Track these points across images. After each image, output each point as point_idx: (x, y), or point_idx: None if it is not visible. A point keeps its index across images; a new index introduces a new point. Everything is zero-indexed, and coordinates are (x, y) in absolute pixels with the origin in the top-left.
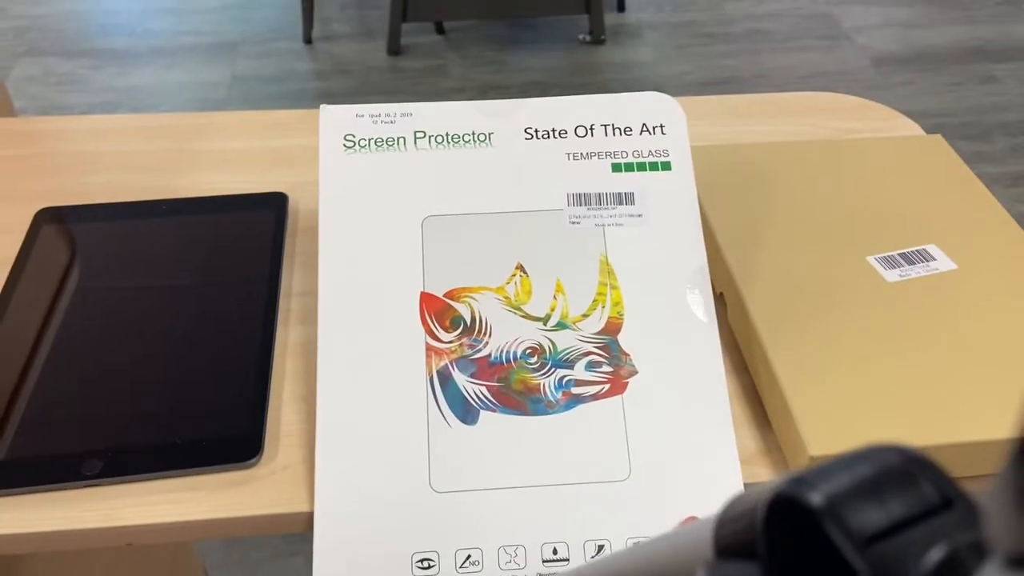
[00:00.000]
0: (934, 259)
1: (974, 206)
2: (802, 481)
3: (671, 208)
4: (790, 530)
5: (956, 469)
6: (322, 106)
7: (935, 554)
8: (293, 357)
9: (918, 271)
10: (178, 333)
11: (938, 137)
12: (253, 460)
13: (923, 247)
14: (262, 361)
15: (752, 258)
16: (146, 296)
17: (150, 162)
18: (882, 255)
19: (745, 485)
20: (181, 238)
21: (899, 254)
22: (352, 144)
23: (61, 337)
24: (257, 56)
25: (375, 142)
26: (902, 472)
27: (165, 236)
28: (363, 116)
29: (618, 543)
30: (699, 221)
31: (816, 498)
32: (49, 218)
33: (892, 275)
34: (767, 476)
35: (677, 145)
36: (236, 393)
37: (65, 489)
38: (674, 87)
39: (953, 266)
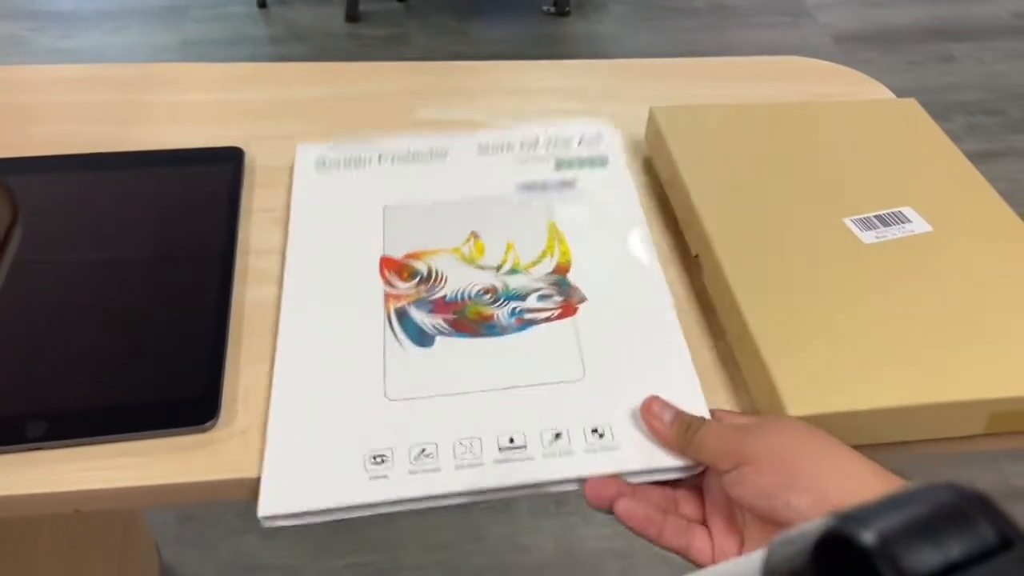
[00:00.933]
0: (909, 221)
1: (948, 169)
2: (854, 518)
3: (609, 188)
4: (842, 569)
5: (931, 430)
6: (298, 145)
7: None
8: (251, 317)
9: (894, 233)
10: (129, 291)
11: (912, 101)
12: (209, 423)
13: (899, 209)
14: (218, 320)
15: (728, 220)
16: (94, 253)
17: (97, 114)
18: (858, 217)
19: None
20: (131, 193)
21: (875, 216)
22: (323, 164)
23: (3, 295)
24: (208, 20)
25: (344, 162)
26: (958, 511)
27: (114, 190)
28: (334, 149)
29: (576, 431)
30: (635, 196)
31: (869, 537)
32: None
33: (869, 236)
34: None
35: (612, 149)
36: (191, 353)
37: (6, 453)
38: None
39: (928, 228)
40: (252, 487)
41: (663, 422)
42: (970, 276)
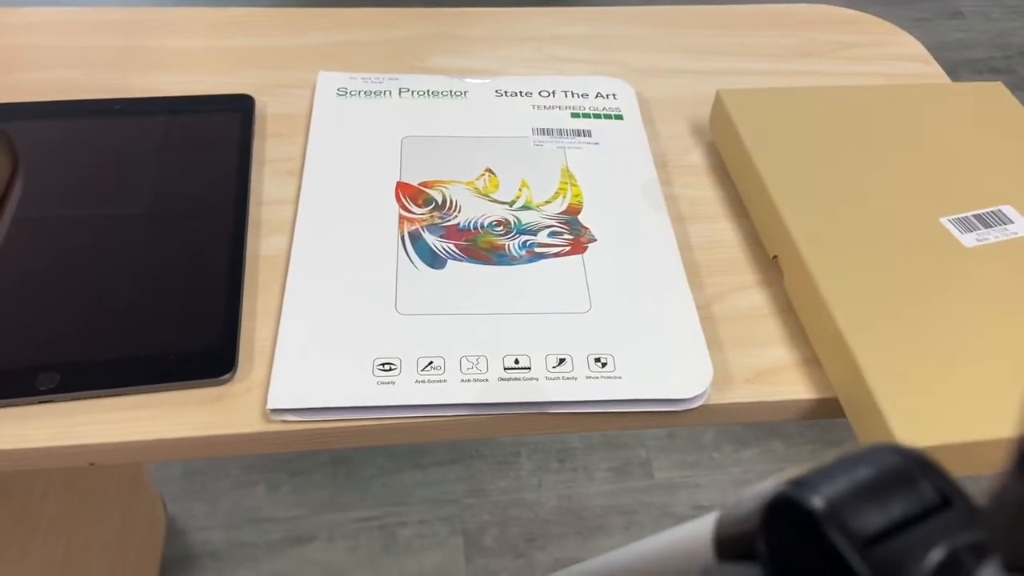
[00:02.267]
0: (1011, 221)
1: None
2: (802, 484)
3: (623, 141)
4: (791, 532)
5: None
6: (320, 71)
7: (935, 555)
8: (266, 269)
9: (996, 235)
10: (140, 243)
11: (999, 85)
12: (226, 376)
13: (997, 208)
14: (233, 271)
15: (812, 218)
16: (105, 203)
17: (100, 59)
18: (956, 216)
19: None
20: (139, 141)
21: (974, 215)
22: (344, 93)
23: (11, 243)
24: None
25: (364, 92)
26: (901, 472)
27: (122, 138)
28: (355, 78)
29: (579, 358)
30: (649, 151)
31: (817, 501)
32: None
33: (969, 239)
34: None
35: (627, 106)
36: (206, 305)
37: (18, 405)
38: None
39: None
40: (275, 439)
41: None
42: None
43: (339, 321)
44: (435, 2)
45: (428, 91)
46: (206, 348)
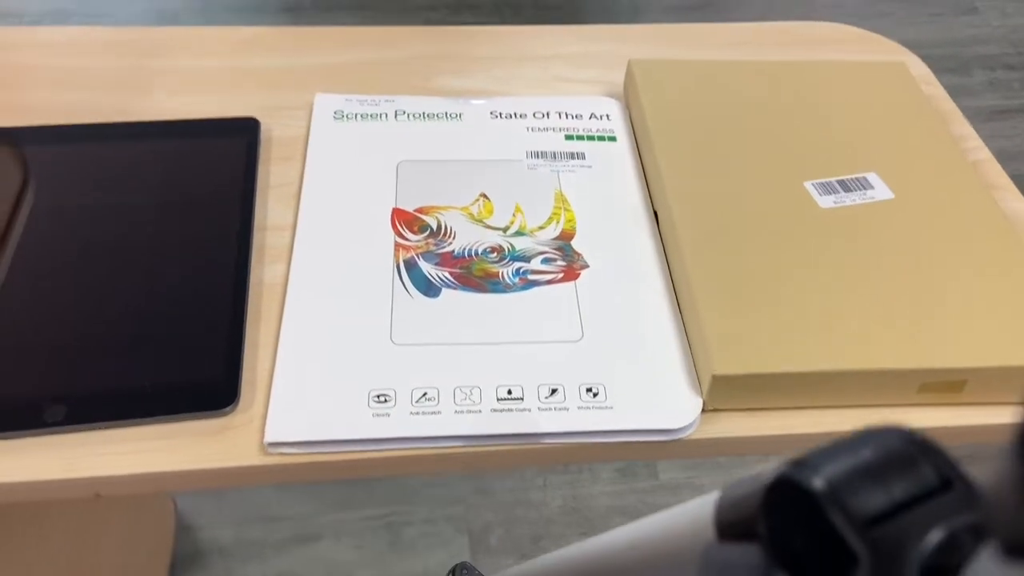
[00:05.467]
0: (872, 187)
1: (926, 137)
2: (803, 464)
3: (615, 164)
4: (791, 512)
5: (863, 396)
6: (317, 94)
7: (934, 536)
8: (268, 297)
9: (853, 198)
10: (144, 271)
11: (902, 63)
12: (228, 408)
13: (863, 175)
14: (236, 301)
15: (690, 178)
16: (109, 230)
17: (109, 80)
18: (820, 180)
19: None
20: (146, 166)
21: (837, 180)
22: (340, 116)
23: (17, 273)
24: None
25: (360, 116)
26: (902, 454)
27: (128, 163)
28: (351, 100)
29: (571, 388)
30: (639, 174)
31: (818, 482)
32: (1, 140)
33: (827, 201)
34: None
35: (621, 127)
36: (209, 336)
37: (25, 436)
38: (652, 10)
39: (890, 195)
40: (277, 472)
41: None
42: (918, 247)
43: (335, 352)
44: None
45: (424, 113)
46: (209, 380)
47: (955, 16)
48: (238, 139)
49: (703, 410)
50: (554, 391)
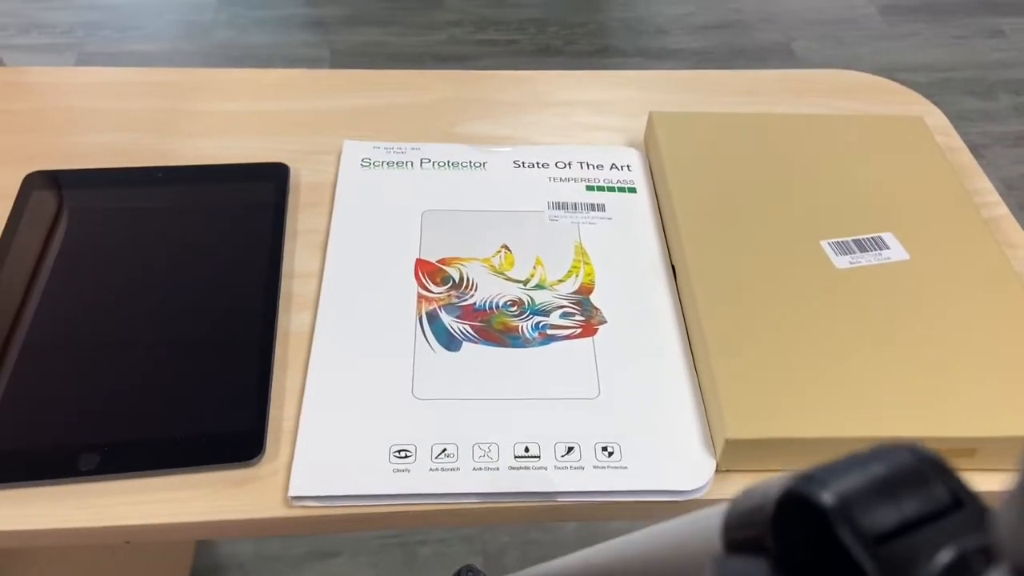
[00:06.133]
0: (887, 247)
1: (942, 195)
2: (813, 479)
3: (635, 216)
4: (800, 527)
5: None
6: (345, 140)
7: (944, 556)
8: (294, 347)
9: (869, 259)
10: (175, 318)
11: (919, 119)
12: (255, 459)
13: (879, 234)
14: (263, 351)
15: (708, 233)
16: (140, 276)
17: (146, 122)
18: (836, 240)
19: None
20: (178, 212)
21: (853, 240)
22: (368, 164)
23: (50, 317)
24: None
25: (387, 163)
26: (914, 472)
27: (160, 208)
28: (379, 148)
29: (587, 447)
30: (659, 228)
31: (828, 497)
32: (39, 183)
33: (842, 261)
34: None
35: (640, 178)
36: (238, 386)
37: (59, 484)
38: (677, 29)
39: (905, 256)
40: (302, 523)
41: None
42: (932, 310)
43: (358, 405)
44: (465, 20)
45: (449, 162)
46: (237, 431)
47: (981, 39)
48: (268, 184)
49: (716, 471)
50: (570, 449)
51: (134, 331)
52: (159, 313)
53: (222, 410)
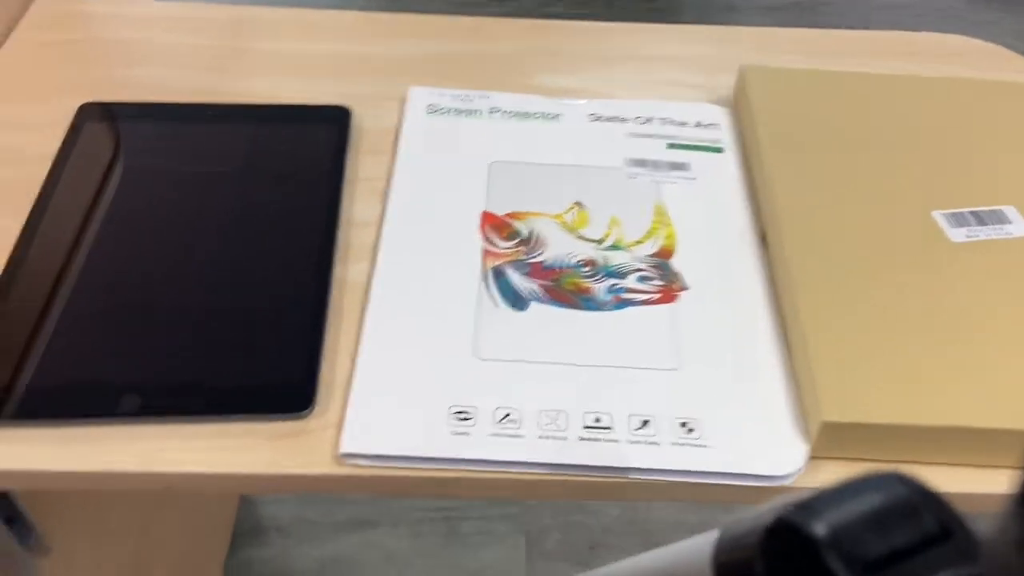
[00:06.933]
0: (1010, 222)
1: None
2: (804, 508)
3: (721, 178)
4: (790, 555)
5: (975, 456)
6: (411, 87)
7: None
8: (349, 297)
9: (988, 233)
10: (228, 261)
11: None
12: (304, 412)
13: (999, 208)
14: (318, 300)
15: (805, 199)
16: (193, 215)
17: (201, 58)
18: (951, 211)
19: None
20: (234, 151)
21: (970, 212)
22: (434, 110)
23: (100, 254)
24: None
25: (455, 111)
26: (904, 501)
27: (216, 146)
28: (445, 95)
29: (664, 421)
30: (746, 192)
31: (819, 528)
32: (92, 115)
33: (958, 234)
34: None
35: (728, 137)
36: (289, 335)
37: (99, 425)
38: (746, 8)
39: None
40: (348, 482)
41: None
42: None
43: (416, 362)
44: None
45: (520, 112)
46: (287, 381)
47: None
48: (328, 128)
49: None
50: (645, 423)
51: (184, 273)
52: (211, 256)
53: (271, 360)
